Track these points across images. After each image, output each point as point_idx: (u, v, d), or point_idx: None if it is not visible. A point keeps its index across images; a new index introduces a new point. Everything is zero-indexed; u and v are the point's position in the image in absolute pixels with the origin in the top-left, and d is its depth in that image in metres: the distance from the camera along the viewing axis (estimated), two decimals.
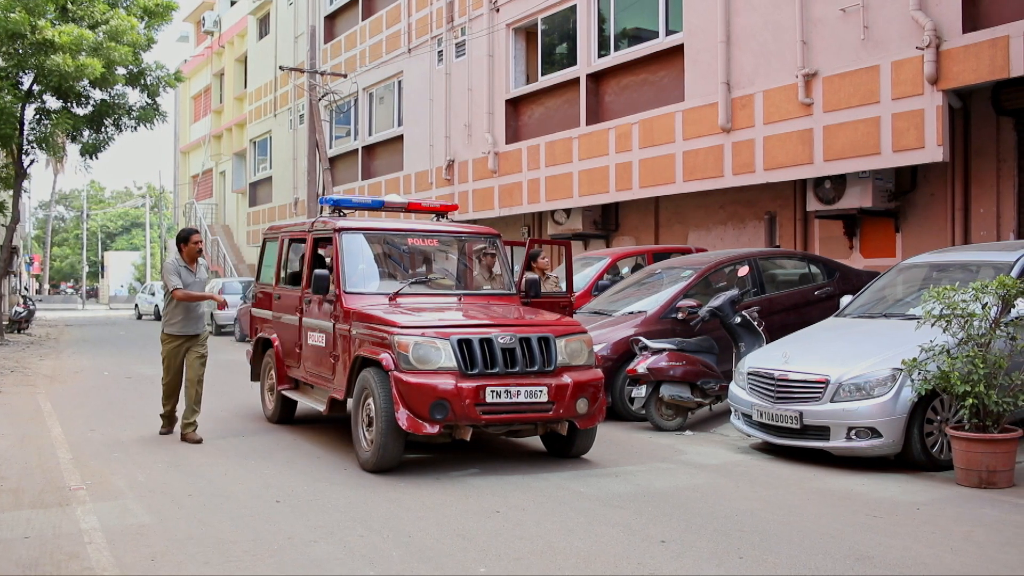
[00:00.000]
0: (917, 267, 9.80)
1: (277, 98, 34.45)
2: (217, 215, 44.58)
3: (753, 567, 5.27)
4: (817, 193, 13.60)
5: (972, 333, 7.38)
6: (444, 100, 22.41)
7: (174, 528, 6.08)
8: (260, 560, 5.41)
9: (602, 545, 5.69)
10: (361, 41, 27.22)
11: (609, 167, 16.94)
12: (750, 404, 8.62)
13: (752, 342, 9.94)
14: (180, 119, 51.59)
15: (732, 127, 14.38)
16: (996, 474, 7.19)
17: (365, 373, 7.86)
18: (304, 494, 7.03)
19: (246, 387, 12.49)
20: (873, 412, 7.73)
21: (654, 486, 7.37)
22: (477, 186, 21.10)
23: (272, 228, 11.41)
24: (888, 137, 12.07)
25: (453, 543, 5.74)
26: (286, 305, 10.11)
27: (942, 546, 5.70)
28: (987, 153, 12.34)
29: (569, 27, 18.67)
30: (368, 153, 27.16)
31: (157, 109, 24.83)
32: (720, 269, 11.54)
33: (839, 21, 12.77)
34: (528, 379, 7.61)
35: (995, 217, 12.24)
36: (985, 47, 10.98)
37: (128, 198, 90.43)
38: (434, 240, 9.80)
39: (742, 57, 14.30)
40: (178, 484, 7.38)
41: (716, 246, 16.01)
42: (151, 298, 39.70)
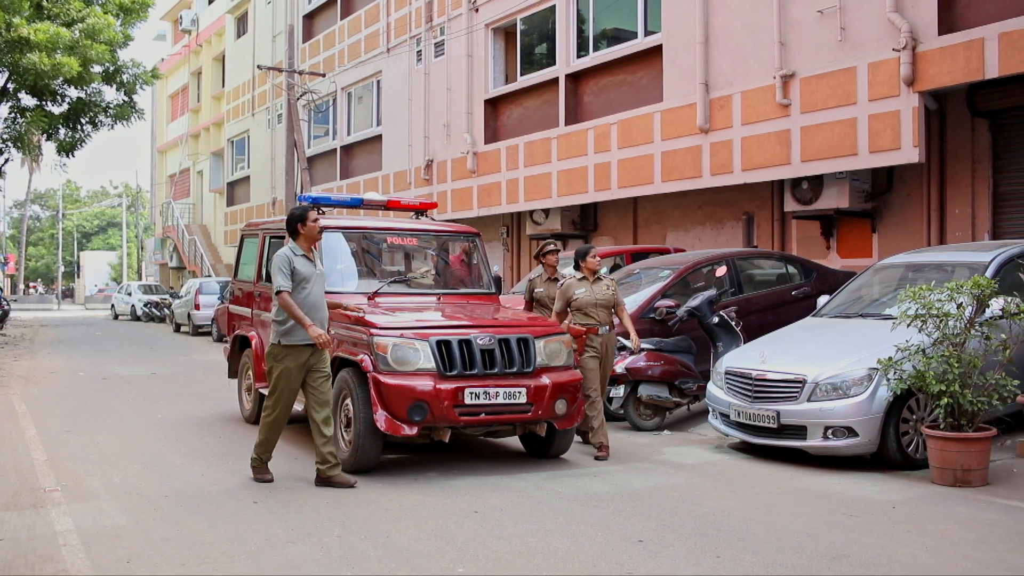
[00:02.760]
0: (893, 267, 9.87)
1: (255, 97, 34.30)
2: (194, 215, 44.34)
3: (730, 566, 5.29)
4: (794, 194, 13.67)
5: (947, 333, 7.44)
6: (423, 100, 22.37)
7: (150, 529, 6.04)
8: (237, 561, 5.38)
9: (580, 545, 5.70)
10: (340, 40, 27.14)
11: (588, 167, 16.96)
12: (728, 404, 8.66)
13: (730, 342, 9.97)
14: (157, 118, 51.29)
15: (710, 128, 14.43)
16: (971, 473, 7.25)
17: (343, 374, 7.84)
18: (281, 495, 7.00)
19: (224, 387, 12.44)
20: (849, 411, 7.77)
21: (632, 486, 7.39)
22: (456, 186, 21.08)
23: (250, 224, 11.35)
24: (865, 138, 12.14)
25: (431, 543, 5.73)
26: (264, 303, 10.05)
27: (917, 544, 5.74)
28: (962, 154, 12.43)
29: (548, 27, 18.68)
30: (347, 153, 27.08)
31: (134, 107, 24.72)
32: (698, 269, 11.58)
33: (816, 23, 12.83)
34: (507, 380, 7.61)
35: (970, 218, 12.33)
36: (960, 49, 11.07)
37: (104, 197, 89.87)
38: (413, 239, 9.78)
39: (720, 58, 14.35)
40: (154, 485, 7.33)
41: (694, 246, 16.06)
42: (127, 298, 39.43)
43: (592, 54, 17.46)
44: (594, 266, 8.72)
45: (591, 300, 8.60)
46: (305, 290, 7.25)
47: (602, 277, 8.81)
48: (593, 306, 8.59)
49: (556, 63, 18.18)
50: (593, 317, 8.58)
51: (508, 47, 20.34)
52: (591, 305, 8.59)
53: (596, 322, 8.59)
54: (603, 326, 8.61)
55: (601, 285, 8.71)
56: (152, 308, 35.99)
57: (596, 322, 8.59)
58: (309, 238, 7.44)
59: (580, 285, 8.67)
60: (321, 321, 7.30)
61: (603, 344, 8.63)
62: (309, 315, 7.18)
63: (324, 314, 7.41)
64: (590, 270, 8.70)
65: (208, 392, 13.13)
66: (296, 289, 7.21)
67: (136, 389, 13.64)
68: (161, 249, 48.58)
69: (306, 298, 7.24)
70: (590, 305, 8.59)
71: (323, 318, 7.37)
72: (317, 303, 7.33)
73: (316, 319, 7.23)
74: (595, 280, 8.73)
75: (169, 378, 15.20)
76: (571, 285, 8.70)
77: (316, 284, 7.35)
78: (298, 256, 7.31)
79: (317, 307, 7.32)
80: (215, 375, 14.44)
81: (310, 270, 7.32)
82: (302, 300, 7.21)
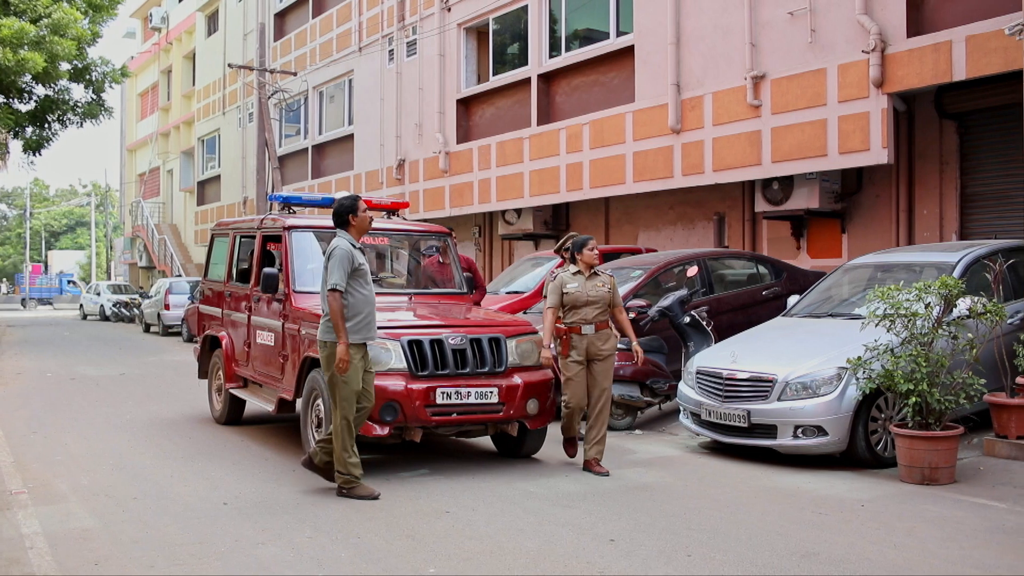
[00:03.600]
0: (862, 267, 9.95)
1: (226, 96, 34.08)
2: (164, 214, 43.99)
3: (701, 565, 5.31)
4: (765, 194, 13.75)
5: (915, 332, 7.50)
6: (395, 99, 22.31)
7: (118, 532, 5.99)
8: (206, 563, 5.34)
9: (552, 544, 5.70)
10: (311, 39, 27.02)
11: (560, 167, 16.98)
12: (699, 403, 8.69)
13: (701, 342, 10.01)
14: (127, 116, 50.84)
15: (682, 128, 14.48)
16: (938, 471, 7.32)
17: (315, 373, 7.80)
18: (252, 496, 6.96)
19: (194, 388, 12.36)
20: (819, 410, 7.83)
21: (603, 485, 7.40)
22: (428, 186, 21.04)
23: (220, 224, 11.28)
24: (834, 139, 12.23)
25: (402, 544, 5.72)
26: (235, 303, 10.00)
27: (885, 542, 5.78)
28: (930, 156, 12.55)
29: (520, 27, 18.68)
30: (318, 152, 26.96)
31: (103, 105, 24.48)
32: (669, 269, 11.62)
33: (787, 24, 12.91)
34: (478, 380, 7.61)
35: (938, 218, 12.45)
36: (928, 52, 11.17)
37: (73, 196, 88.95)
38: (384, 238, 9.75)
39: (692, 59, 14.41)
40: (123, 487, 7.27)
41: (666, 246, 16.11)
42: (96, 298, 39.07)
43: (564, 54, 17.48)
44: (591, 260, 7.97)
45: (582, 297, 7.85)
46: (369, 285, 6.98)
47: (599, 273, 8.04)
48: (584, 304, 7.84)
49: (528, 63, 18.18)
50: (580, 315, 7.83)
51: (480, 47, 20.32)
52: (582, 302, 7.84)
53: (581, 320, 7.83)
54: (588, 325, 7.81)
55: (596, 281, 7.95)
56: (121, 308, 35.68)
57: (581, 320, 7.83)
58: (361, 229, 7.08)
59: (573, 279, 7.91)
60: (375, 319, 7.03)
61: (589, 346, 7.82)
62: (368, 312, 6.92)
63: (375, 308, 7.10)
64: (586, 264, 7.98)
65: (178, 393, 13.03)
66: (358, 283, 6.88)
67: (105, 390, 13.52)
68: (131, 248, 48.16)
69: (369, 295, 6.96)
70: (580, 302, 7.84)
71: (375, 314, 7.06)
72: (372, 299, 7.05)
73: (374, 317, 7.01)
74: (591, 275, 7.98)
75: (138, 379, 15.08)
76: (564, 279, 7.94)
77: (363, 276, 7.00)
78: (357, 249, 6.96)
79: (373, 303, 7.03)
80: (185, 376, 14.34)
81: (367, 263, 7.06)
82: (366, 296, 6.93)
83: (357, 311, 6.85)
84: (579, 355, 7.81)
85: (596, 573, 5.17)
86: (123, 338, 26.21)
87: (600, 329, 7.86)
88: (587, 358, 7.85)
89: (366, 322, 6.92)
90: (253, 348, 9.42)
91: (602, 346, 7.86)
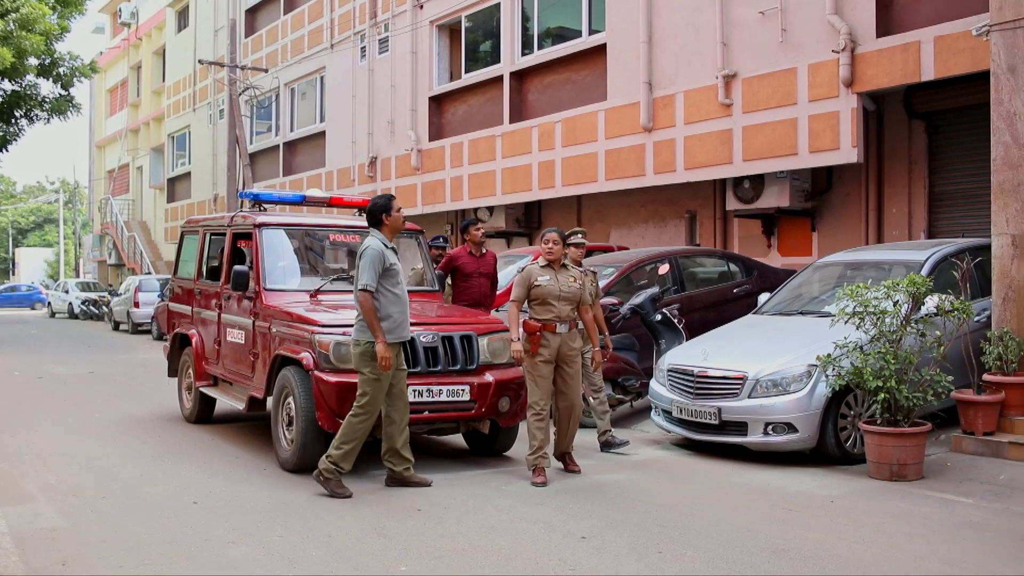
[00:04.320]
0: (832, 265, 10.02)
1: (196, 92, 33.84)
2: (134, 211, 43.60)
3: (672, 561, 5.34)
4: (736, 193, 13.82)
5: (884, 330, 7.57)
6: (367, 96, 22.24)
7: (86, 531, 5.93)
8: (176, 562, 5.30)
9: (523, 542, 5.70)
10: (283, 36, 26.88)
11: (532, 165, 16.99)
12: (670, 400, 8.72)
13: (672, 339, 10.05)
14: (95, 112, 50.33)
15: (653, 127, 14.53)
16: (906, 467, 7.39)
17: (285, 372, 7.77)
18: (222, 495, 6.92)
19: (163, 386, 12.26)
20: (789, 408, 7.88)
21: (575, 482, 7.41)
22: (400, 183, 20.99)
23: (190, 221, 11.20)
24: (805, 138, 12.32)
25: (374, 542, 5.70)
26: (205, 301, 9.93)
27: (854, 538, 5.83)
28: (899, 155, 12.66)
29: (493, 25, 18.67)
30: (289, 149, 26.83)
31: (71, 101, 24.23)
32: (641, 267, 11.65)
33: (758, 24, 12.98)
34: (450, 378, 7.59)
35: (907, 217, 12.57)
36: (897, 52, 11.27)
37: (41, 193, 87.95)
38: (356, 236, 9.70)
39: (663, 57, 14.45)
40: (91, 486, 7.20)
41: (637, 244, 16.16)
42: (64, 296, 38.68)
43: (537, 52, 17.49)
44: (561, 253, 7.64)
45: (554, 291, 7.47)
46: (400, 284, 6.99)
47: (568, 266, 7.71)
48: (556, 299, 7.46)
49: (501, 61, 18.18)
50: (554, 312, 7.47)
51: (453, 44, 20.29)
52: (553, 297, 7.46)
53: (555, 318, 7.49)
54: (562, 323, 7.49)
55: (568, 276, 7.59)
56: (90, 306, 35.34)
57: (555, 318, 7.49)
58: (394, 228, 7.11)
59: (544, 272, 7.54)
60: (408, 318, 7.03)
61: (561, 345, 7.51)
62: (403, 312, 6.95)
63: (408, 310, 7.09)
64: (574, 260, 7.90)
65: (148, 391, 12.93)
66: (390, 283, 6.89)
67: (73, 388, 13.39)
68: (99, 246, 47.68)
69: (402, 295, 6.97)
70: (552, 297, 7.45)
71: (408, 314, 7.06)
72: (407, 299, 7.07)
73: (407, 316, 7.01)
74: (561, 268, 7.61)
75: (107, 377, 14.95)
76: (533, 271, 7.56)
77: (404, 279, 7.11)
78: (388, 248, 6.96)
79: (406, 302, 7.03)
80: (155, 374, 14.22)
81: (400, 263, 7.07)
82: (399, 296, 6.94)
83: (388, 311, 6.87)
84: (550, 355, 7.47)
85: (567, 570, 5.18)
86: (92, 336, 25.96)
87: (572, 328, 7.61)
88: (557, 359, 7.53)
89: (399, 321, 6.93)
90: (223, 346, 9.36)
91: (573, 345, 7.59)
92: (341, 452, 6.90)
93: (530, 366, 7.50)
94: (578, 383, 7.72)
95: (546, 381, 7.50)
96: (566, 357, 7.56)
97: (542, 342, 7.46)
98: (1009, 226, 8.22)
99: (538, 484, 7.26)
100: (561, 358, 7.54)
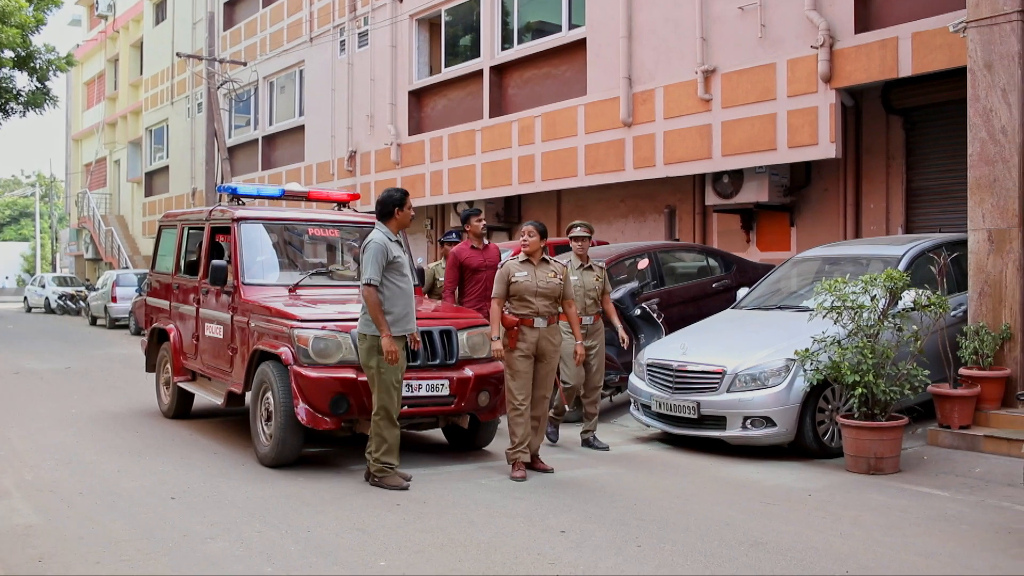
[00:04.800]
0: (810, 260, 10.07)
1: (174, 85, 33.61)
2: (111, 205, 43.28)
3: (650, 555, 5.35)
4: (715, 188, 13.85)
5: (861, 324, 7.61)
6: (346, 90, 22.16)
7: (63, 528, 5.89)
8: (154, 559, 5.27)
9: (503, 536, 5.71)
10: (261, 29, 26.73)
11: (512, 160, 16.98)
12: (649, 395, 8.75)
13: (652, 334, 10.07)
14: (72, 105, 49.92)
15: (633, 122, 14.54)
16: (883, 460, 7.44)
17: (264, 366, 7.74)
18: (200, 490, 6.89)
19: (141, 382, 12.20)
20: (767, 402, 7.92)
21: (554, 477, 7.42)
22: (380, 177, 20.93)
23: (168, 215, 11.14)
24: (784, 133, 12.36)
25: (353, 537, 5.69)
26: (183, 295, 9.88)
27: (832, 531, 5.87)
28: (877, 150, 12.72)
29: (473, 19, 18.64)
30: (268, 143, 26.70)
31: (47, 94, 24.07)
32: (621, 262, 11.66)
33: (737, 19, 13.01)
34: (429, 372, 7.58)
35: (884, 212, 12.63)
36: (875, 48, 11.32)
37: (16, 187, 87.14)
38: (335, 230, 9.69)
39: (643, 52, 14.47)
40: (68, 483, 7.15)
41: (617, 239, 16.17)
42: (41, 290, 38.37)
43: (516, 47, 17.47)
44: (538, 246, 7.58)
45: (531, 287, 7.45)
46: (405, 277, 7.03)
47: (548, 260, 7.61)
48: (533, 295, 7.43)
49: (480, 55, 18.14)
50: (532, 307, 7.44)
51: (432, 38, 20.24)
52: (530, 293, 7.43)
53: (533, 313, 7.46)
54: (540, 318, 7.45)
55: (547, 271, 7.54)
56: (67, 301, 35.09)
57: (533, 313, 7.46)
58: (401, 224, 7.13)
59: (521, 268, 7.51)
60: (413, 311, 7.08)
61: (540, 340, 7.46)
62: (408, 305, 6.98)
63: (415, 304, 7.16)
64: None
65: (125, 386, 12.86)
66: (395, 277, 6.93)
67: (50, 384, 13.29)
68: (76, 240, 47.32)
69: (406, 288, 7.00)
70: (529, 293, 7.42)
71: (414, 307, 7.13)
72: (412, 292, 7.11)
73: (412, 309, 7.05)
74: (540, 263, 7.57)
75: (85, 372, 14.85)
76: (511, 267, 7.53)
77: (409, 272, 7.12)
78: (393, 242, 6.98)
79: (412, 296, 7.08)
80: (132, 369, 14.15)
81: (405, 256, 7.09)
82: (403, 289, 6.97)
83: (393, 304, 6.90)
84: (528, 350, 7.42)
85: (547, 564, 5.18)
86: (69, 331, 25.78)
87: (552, 323, 7.55)
88: (535, 354, 7.49)
89: (404, 314, 6.96)
90: (201, 341, 9.32)
91: (552, 340, 7.55)
92: (381, 451, 6.94)
93: (509, 361, 7.47)
94: (551, 380, 7.67)
95: (525, 376, 7.45)
96: (544, 352, 7.51)
97: (520, 337, 7.42)
98: (985, 221, 8.28)
99: (517, 478, 7.29)
100: (539, 353, 7.50)
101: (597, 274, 8.67)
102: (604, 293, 8.75)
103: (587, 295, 8.58)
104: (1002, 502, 6.60)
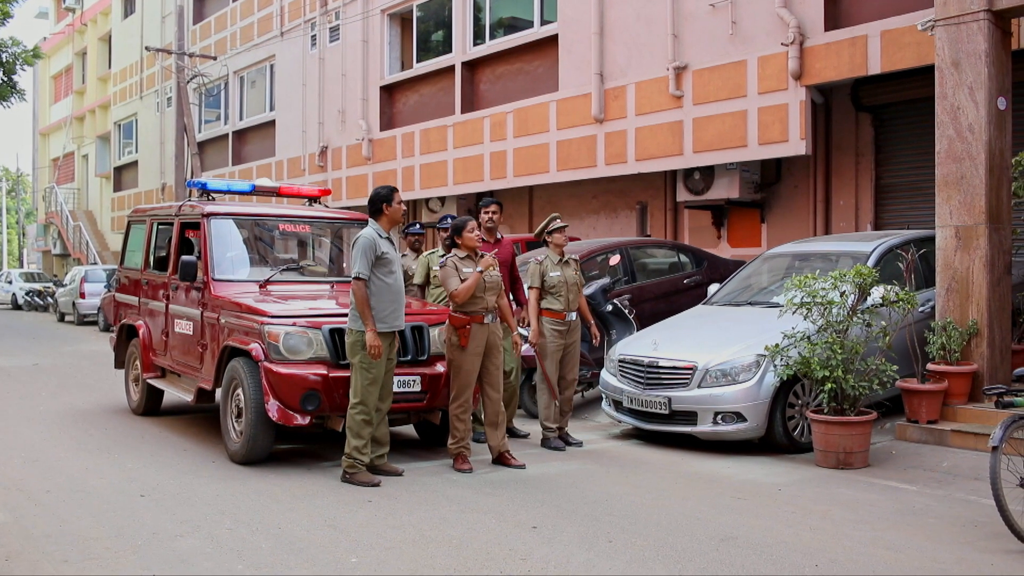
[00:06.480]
0: (781, 257, 10.14)
1: (143, 79, 33.32)
2: (79, 200, 42.86)
3: (621, 550, 5.37)
4: (687, 184, 13.91)
5: (831, 320, 7.67)
6: (317, 85, 22.05)
7: (30, 526, 5.83)
8: (122, 556, 5.23)
9: (474, 532, 5.71)
10: (232, 23, 26.55)
11: (484, 156, 16.97)
12: (621, 390, 8.77)
13: (623, 330, 10.10)
14: (39, 99, 49.38)
15: (605, 118, 14.57)
16: (852, 455, 7.51)
17: (234, 363, 7.69)
18: (170, 488, 6.84)
19: (110, 379, 12.09)
20: (738, 397, 7.96)
21: (526, 473, 7.43)
22: (351, 173, 20.86)
23: (137, 210, 11.05)
24: (754, 130, 12.43)
25: (324, 534, 5.67)
26: (152, 291, 9.80)
27: (801, 525, 5.91)
28: (847, 147, 12.82)
29: (444, 14, 18.59)
30: (239, 138, 26.53)
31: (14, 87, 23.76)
32: (592, 258, 11.67)
33: (708, 16, 13.06)
34: (401, 369, 7.55)
35: (854, 209, 12.73)
36: (845, 45, 11.40)
37: None
38: (306, 226, 9.64)
39: (615, 49, 14.49)
40: (35, 480, 7.08)
41: (589, 235, 16.21)
42: (8, 287, 37.94)
43: (488, 42, 17.45)
44: (472, 243, 7.56)
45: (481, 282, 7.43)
46: (393, 274, 7.01)
47: (482, 256, 7.56)
48: (483, 290, 7.40)
49: (452, 51, 18.11)
50: (482, 303, 7.41)
51: (404, 33, 20.18)
52: (480, 288, 7.39)
53: (483, 309, 7.42)
54: (489, 314, 7.45)
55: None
56: (34, 297, 34.70)
57: (483, 309, 7.42)
58: (392, 220, 7.12)
59: (465, 264, 7.47)
60: (401, 308, 7.08)
61: (490, 336, 7.46)
62: (395, 301, 6.98)
63: (404, 300, 7.17)
64: (469, 247, 7.55)
65: (94, 383, 12.74)
66: (382, 273, 6.93)
67: (17, 381, 13.15)
68: (44, 236, 46.84)
69: (393, 284, 7.00)
70: (479, 288, 7.40)
71: (403, 304, 7.13)
72: (400, 288, 7.11)
73: (399, 305, 7.04)
74: (480, 259, 7.53)
75: (53, 369, 14.70)
76: (457, 264, 7.45)
77: (398, 269, 7.09)
78: (383, 238, 7.00)
79: (400, 292, 7.09)
80: (101, 366, 14.02)
81: (394, 253, 7.07)
82: (390, 286, 6.96)
83: (381, 299, 6.91)
84: (479, 347, 7.42)
85: (518, 560, 5.19)
86: (37, 327, 25.51)
87: (497, 318, 7.63)
88: (484, 350, 7.48)
89: (391, 310, 6.97)
90: (171, 337, 9.25)
91: (499, 335, 7.59)
92: (353, 446, 6.92)
93: (459, 358, 7.43)
94: (500, 375, 7.68)
95: (472, 375, 7.45)
96: (491, 348, 7.53)
97: (471, 335, 7.39)
98: (953, 218, 8.36)
99: (464, 470, 7.37)
100: (488, 349, 7.52)
101: (574, 267, 8.66)
102: (579, 287, 8.77)
103: (570, 289, 8.56)
104: (968, 496, 6.68)
